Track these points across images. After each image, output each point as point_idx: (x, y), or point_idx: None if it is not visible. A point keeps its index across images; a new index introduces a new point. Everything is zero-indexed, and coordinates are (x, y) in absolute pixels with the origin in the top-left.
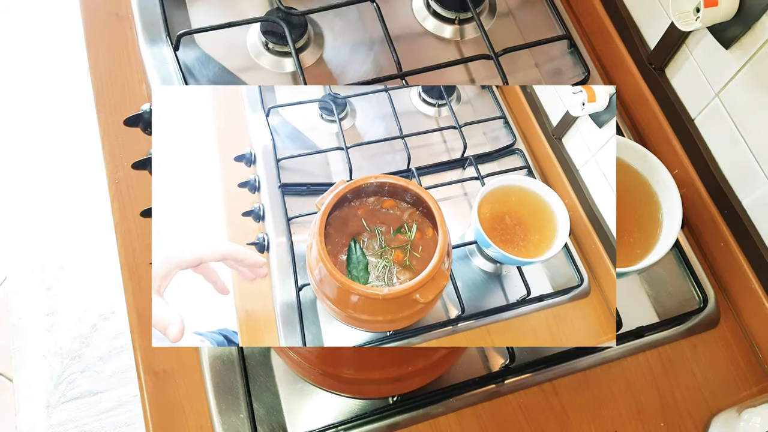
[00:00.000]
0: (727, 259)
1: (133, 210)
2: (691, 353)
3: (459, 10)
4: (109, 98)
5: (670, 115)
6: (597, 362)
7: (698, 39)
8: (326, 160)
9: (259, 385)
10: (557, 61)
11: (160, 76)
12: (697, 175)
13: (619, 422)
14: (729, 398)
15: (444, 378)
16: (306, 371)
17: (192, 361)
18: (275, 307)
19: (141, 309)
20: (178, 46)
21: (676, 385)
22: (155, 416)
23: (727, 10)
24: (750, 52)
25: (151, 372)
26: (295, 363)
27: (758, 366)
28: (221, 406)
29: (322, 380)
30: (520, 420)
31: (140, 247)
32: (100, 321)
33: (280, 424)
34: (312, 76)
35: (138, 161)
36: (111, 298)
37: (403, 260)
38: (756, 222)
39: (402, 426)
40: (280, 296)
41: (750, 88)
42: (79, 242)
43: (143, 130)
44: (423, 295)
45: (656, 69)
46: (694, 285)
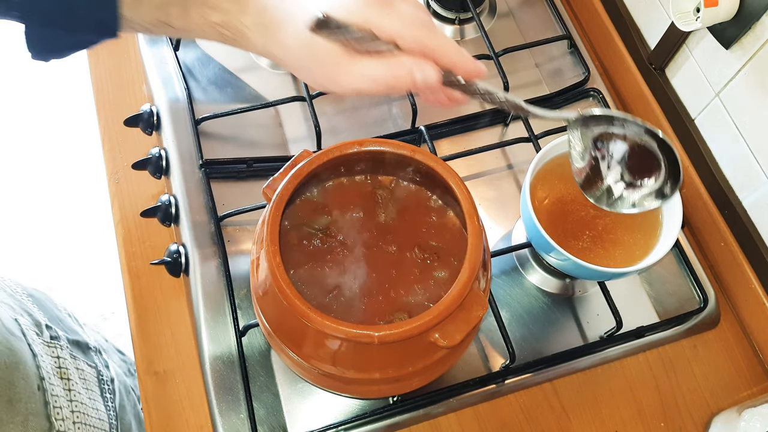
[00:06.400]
0: (728, 259)
1: (133, 210)
2: (691, 353)
3: (459, 10)
4: (109, 98)
5: (670, 115)
6: (597, 362)
7: (698, 39)
8: (277, 119)
9: (259, 385)
10: (557, 61)
11: (160, 76)
12: (697, 175)
13: (619, 422)
14: (729, 398)
15: (444, 378)
16: (306, 371)
17: (192, 361)
18: (202, 364)
19: (141, 309)
20: (178, 46)
21: (676, 385)
22: (155, 416)
23: (727, 10)
24: (750, 52)
25: (151, 372)
26: (295, 363)
27: (758, 366)
28: (221, 406)
29: (322, 380)
30: (520, 420)
31: (140, 247)
32: (100, 321)
33: (281, 424)
34: None
35: (138, 161)
36: (111, 298)
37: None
38: (756, 222)
39: (402, 426)
40: (208, 347)
41: (750, 88)
42: (80, 242)
43: (143, 130)
44: (445, 334)
45: (656, 69)
46: (694, 285)
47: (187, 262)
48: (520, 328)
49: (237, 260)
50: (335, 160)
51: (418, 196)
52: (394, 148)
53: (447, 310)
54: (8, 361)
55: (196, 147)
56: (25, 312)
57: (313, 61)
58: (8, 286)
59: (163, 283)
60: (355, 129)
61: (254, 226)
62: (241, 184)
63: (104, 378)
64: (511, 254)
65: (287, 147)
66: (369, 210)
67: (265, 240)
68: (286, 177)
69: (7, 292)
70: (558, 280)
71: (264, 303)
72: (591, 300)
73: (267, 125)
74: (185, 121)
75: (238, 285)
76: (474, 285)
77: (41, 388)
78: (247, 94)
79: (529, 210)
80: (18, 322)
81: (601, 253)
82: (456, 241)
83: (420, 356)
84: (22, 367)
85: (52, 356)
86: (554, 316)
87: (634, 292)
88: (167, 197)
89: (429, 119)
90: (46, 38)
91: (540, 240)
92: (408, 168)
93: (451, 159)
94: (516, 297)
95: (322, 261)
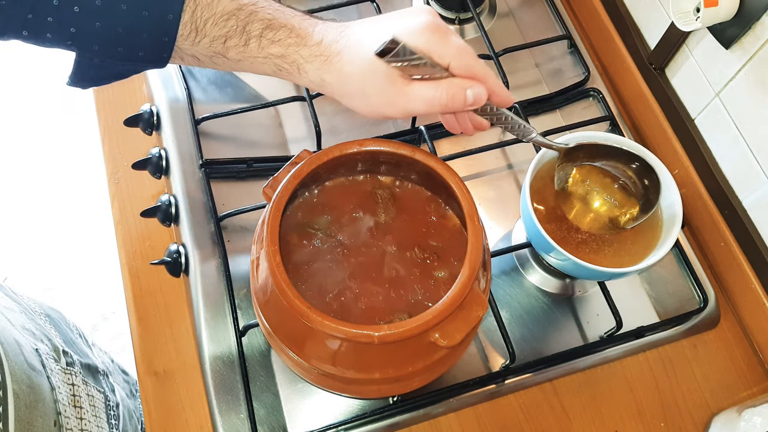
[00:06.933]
0: (728, 259)
1: (133, 210)
2: (691, 353)
3: (459, 10)
4: (109, 98)
5: (670, 115)
6: (597, 362)
7: (698, 39)
8: (277, 119)
9: (260, 385)
10: (557, 61)
11: (160, 76)
12: (697, 175)
13: (619, 422)
14: (729, 398)
15: (444, 378)
16: (306, 371)
17: (192, 361)
18: (202, 364)
19: (141, 309)
20: None
21: (676, 385)
22: (155, 416)
23: (727, 10)
24: (750, 52)
25: (151, 372)
26: (295, 363)
27: (758, 366)
28: (221, 406)
29: (322, 380)
30: (520, 420)
31: (140, 247)
32: (100, 321)
33: (281, 424)
34: None
35: (138, 161)
36: (111, 298)
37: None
38: (756, 222)
39: (402, 426)
40: (208, 347)
41: (750, 88)
42: (79, 242)
43: (143, 130)
44: (445, 334)
45: (656, 69)
46: (694, 285)
47: (187, 262)
48: (520, 328)
49: (237, 260)
50: (335, 160)
51: (418, 196)
52: (394, 148)
53: (447, 310)
54: (28, 400)
55: (196, 147)
56: (45, 336)
57: (373, 85)
58: (29, 307)
59: (163, 283)
60: (355, 129)
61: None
62: (241, 184)
63: (111, 404)
64: (511, 254)
65: (287, 147)
66: (369, 210)
67: (265, 240)
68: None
69: (27, 314)
70: (558, 280)
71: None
72: (591, 300)
73: (267, 125)
74: (185, 121)
75: (238, 285)
76: (474, 285)
77: (57, 423)
78: (247, 94)
79: (529, 210)
80: (38, 352)
81: (601, 253)
82: (456, 241)
83: (420, 356)
84: (41, 405)
85: (67, 383)
86: (554, 316)
87: (634, 292)
88: (167, 197)
89: (429, 119)
90: (94, 67)
91: (540, 240)
92: (408, 168)
93: (451, 159)
94: (516, 297)
95: (322, 261)
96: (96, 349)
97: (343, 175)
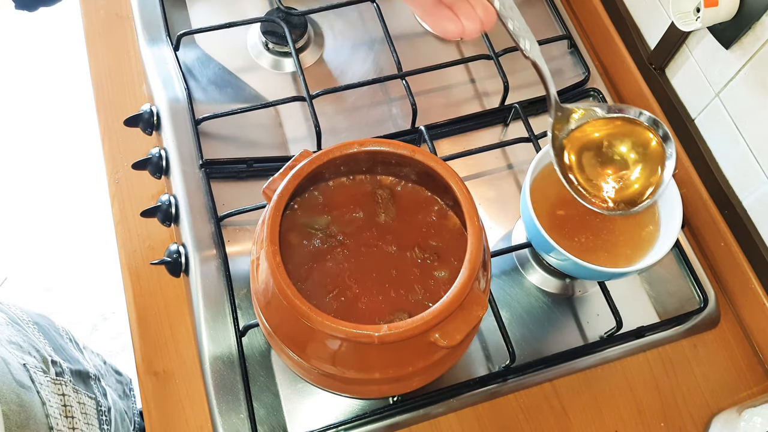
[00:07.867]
0: (728, 259)
1: (133, 210)
2: (691, 353)
3: None
4: (109, 98)
5: (670, 115)
6: (597, 362)
7: (698, 39)
8: (277, 119)
9: (260, 385)
10: (557, 61)
11: (160, 76)
12: (697, 175)
13: (619, 422)
14: (729, 398)
15: (444, 378)
16: (306, 371)
17: (192, 361)
18: (202, 364)
19: (141, 309)
20: (178, 46)
21: (676, 385)
22: (155, 416)
23: (727, 10)
24: (750, 52)
25: (151, 372)
26: (295, 363)
27: (758, 366)
28: (221, 406)
29: (322, 380)
30: (520, 420)
31: (140, 247)
32: (100, 321)
33: (281, 424)
34: (312, 76)
35: (138, 161)
36: (111, 298)
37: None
38: (756, 222)
39: (402, 426)
40: (208, 347)
41: (750, 88)
42: (79, 242)
43: (143, 130)
44: (445, 334)
45: (656, 69)
46: (694, 285)
47: (187, 262)
48: (520, 328)
49: (237, 260)
50: (335, 160)
51: (418, 196)
52: (394, 148)
53: (447, 310)
54: (19, 419)
55: (196, 147)
56: (33, 347)
57: None
58: (16, 315)
59: (163, 283)
60: (355, 129)
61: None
62: (241, 184)
63: (102, 408)
64: (511, 254)
65: (287, 147)
66: (369, 210)
67: (265, 240)
68: (286, 177)
69: (14, 325)
70: (558, 280)
71: (264, 303)
72: (591, 300)
73: (267, 125)
74: (185, 121)
75: (238, 285)
76: (474, 285)
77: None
78: (247, 94)
79: (529, 210)
80: (26, 366)
81: (601, 253)
82: (456, 241)
83: (420, 356)
84: (32, 422)
85: (57, 394)
86: (554, 316)
87: (634, 292)
88: (167, 197)
89: (429, 119)
90: None
91: (540, 240)
92: (408, 168)
93: (451, 159)
94: (516, 297)
95: (322, 261)
96: (87, 352)
97: (343, 175)
